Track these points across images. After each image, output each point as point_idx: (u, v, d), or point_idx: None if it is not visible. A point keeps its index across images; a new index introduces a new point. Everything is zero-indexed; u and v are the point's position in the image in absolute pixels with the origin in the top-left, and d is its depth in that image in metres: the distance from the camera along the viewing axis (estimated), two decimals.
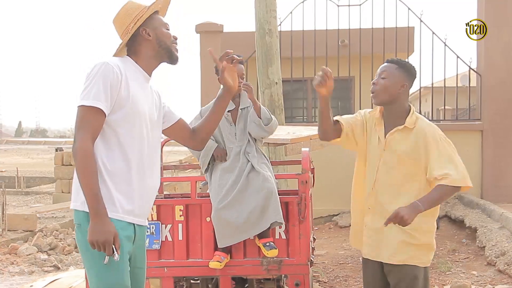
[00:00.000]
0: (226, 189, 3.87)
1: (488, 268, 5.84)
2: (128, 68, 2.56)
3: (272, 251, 3.85)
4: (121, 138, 2.49)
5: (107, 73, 2.43)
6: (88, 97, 2.41)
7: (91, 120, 2.40)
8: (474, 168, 9.20)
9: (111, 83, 2.43)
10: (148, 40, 2.60)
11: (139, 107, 2.53)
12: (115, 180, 2.47)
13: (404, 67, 3.11)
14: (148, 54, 2.62)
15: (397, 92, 3.08)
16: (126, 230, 2.49)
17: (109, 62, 2.48)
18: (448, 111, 16.73)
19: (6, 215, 8.05)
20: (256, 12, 6.89)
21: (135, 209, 2.53)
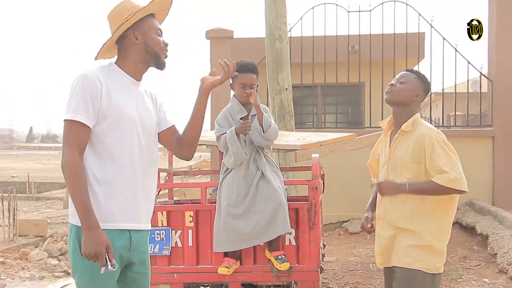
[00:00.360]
0: (236, 196, 3.87)
1: (500, 276, 5.79)
2: (111, 75, 2.53)
3: (284, 264, 3.85)
4: (109, 148, 2.48)
5: (86, 86, 2.42)
6: (69, 111, 2.42)
7: (75, 134, 2.41)
8: (485, 174, 9.16)
9: (91, 95, 2.42)
10: (136, 44, 2.56)
11: (125, 114, 2.51)
12: (106, 189, 2.46)
13: (422, 79, 3.21)
14: (134, 58, 2.58)
15: (412, 99, 3.16)
16: (119, 239, 2.49)
17: (87, 74, 2.45)
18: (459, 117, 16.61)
19: (17, 221, 8.10)
20: (266, 18, 6.91)
21: (128, 215, 2.52)
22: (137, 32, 2.55)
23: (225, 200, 3.90)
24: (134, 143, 2.54)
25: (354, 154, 6.31)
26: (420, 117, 3.25)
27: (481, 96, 9.77)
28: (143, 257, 2.65)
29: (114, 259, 2.40)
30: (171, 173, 5.52)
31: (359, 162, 9.25)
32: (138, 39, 2.55)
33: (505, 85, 9.19)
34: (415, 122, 3.13)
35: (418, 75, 3.21)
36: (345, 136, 5.03)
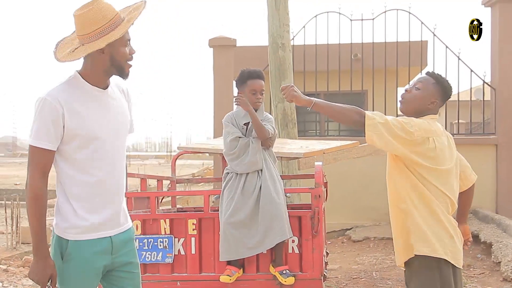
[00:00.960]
0: (235, 204, 3.89)
1: (504, 284, 5.77)
2: (75, 92, 2.49)
3: (289, 278, 3.86)
4: (82, 164, 2.49)
5: (46, 110, 2.41)
6: (31, 136, 2.44)
7: (38, 158, 2.43)
8: (488, 182, 9.13)
9: (52, 119, 2.41)
10: (101, 56, 2.47)
11: (94, 131, 2.49)
12: (84, 204, 2.50)
13: (442, 85, 3.04)
14: (99, 69, 2.51)
15: (426, 107, 3.01)
16: (99, 245, 2.52)
17: (47, 97, 2.42)
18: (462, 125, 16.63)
19: (20, 228, 8.09)
20: (269, 27, 6.93)
21: (108, 224, 2.56)
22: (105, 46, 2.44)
23: (226, 208, 3.92)
24: (108, 154, 2.55)
25: (357, 162, 6.32)
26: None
27: (484, 104, 9.76)
28: (128, 258, 2.65)
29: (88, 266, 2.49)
30: (174, 181, 5.52)
31: (362, 170, 9.30)
32: (105, 52, 2.47)
33: (508, 93, 9.19)
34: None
35: (438, 80, 3.03)
36: (348, 144, 5.03)
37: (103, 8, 2.43)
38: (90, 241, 2.49)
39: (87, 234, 2.49)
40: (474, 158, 9.33)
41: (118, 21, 2.45)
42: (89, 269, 2.51)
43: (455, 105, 9.67)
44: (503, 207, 8.91)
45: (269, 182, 3.91)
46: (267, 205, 3.84)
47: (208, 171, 21.16)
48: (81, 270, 2.49)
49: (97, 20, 2.40)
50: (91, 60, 2.50)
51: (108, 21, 2.42)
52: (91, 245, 2.49)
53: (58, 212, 2.52)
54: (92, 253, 2.50)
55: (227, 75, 10.09)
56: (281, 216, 3.83)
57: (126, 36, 2.49)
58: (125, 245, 2.63)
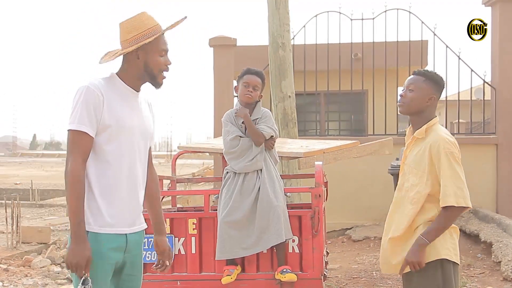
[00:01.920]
0: (233, 204, 3.89)
1: (504, 284, 5.77)
2: (112, 87, 2.62)
3: (289, 275, 3.85)
4: (109, 156, 2.57)
5: (89, 97, 2.51)
6: (74, 121, 2.51)
7: (79, 143, 2.51)
8: (489, 182, 9.14)
9: (94, 106, 2.52)
10: (137, 61, 2.63)
11: (125, 124, 2.61)
12: (106, 196, 2.56)
13: (432, 79, 3.06)
14: (133, 72, 2.66)
15: (425, 105, 3.05)
16: (116, 242, 2.58)
17: (90, 85, 2.54)
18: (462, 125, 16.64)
19: (20, 228, 8.09)
20: (270, 26, 6.93)
21: (126, 221, 2.63)
22: (141, 52, 2.62)
23: (223, 207, 3.92)
24: (134, 151, 2.66)
25: (357, 161, 6.32)
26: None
27: (484, 104, 9.76)
28: (135, 260, 2.72)
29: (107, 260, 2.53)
30: (174, 180, 5.52)
31: (362, 170, 9.31)
32: (140, 58, 2.63)
33: (509, 92, 9.19)
34: (428, 129, 3.03)
35: (427, 76, 3.06)
36: (348, 144, 5.03)
37: (144, 18, 2.63)
38: (108, 235, 2.54)
39: (106, 228, 2.54)
40: (475, 158, 9.36)
41: (156, 31, 2.62)
42: (104, 263, 2.55)
43: (455, 105, 9.67)
44: (503, 206, 8.91)
45: (267, 183, 3.91)
46: (264, 206, 3.85)
47: (208, 171, 21.18)
48: (97, 264, 2.52)
49: (137, 28, 2.60)
50: (127, 64, 2.66)
51: (146, 29, 2.60)
52: (108, 240, 2.55)
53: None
54: (108, 248, 2.55)
55: (227, 75, 10.09)
56: (278, 218, 3.83)
57: (161, 46, 2.65)
58: (137, 246, 2.71)
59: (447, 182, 2.88)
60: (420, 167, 3.00)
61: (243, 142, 3.96)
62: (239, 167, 3.96)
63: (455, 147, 2.95)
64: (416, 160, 3.03)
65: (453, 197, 2.86)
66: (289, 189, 4.53)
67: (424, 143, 3.02)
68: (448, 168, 2.90)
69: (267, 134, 3.98)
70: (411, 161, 3.06)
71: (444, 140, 2.95)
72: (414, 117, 3.10)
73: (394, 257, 3.06)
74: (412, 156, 3.06)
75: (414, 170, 3.03)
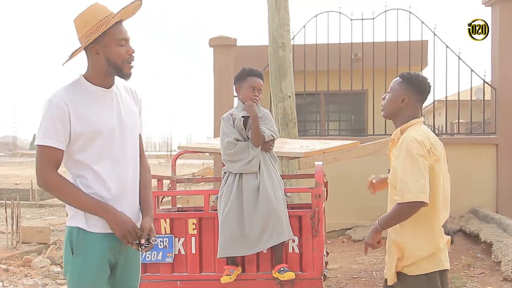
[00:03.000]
0: (232, 204, 3.89)
1: (504, 284, 5.77)
2: (79, 93, 2.55)
3: (287, 273, 3.84)
4: (90, 162, 2.54)
5: (53, 111, 2.47)
6: (40, 136, 2.49)
7: (48, 156, 2.48)
8: (489, 182, 9.14)
9: (60, 118, 2.47)
10: (97, 56, 2.54)
11: (101, 128, 2.54)
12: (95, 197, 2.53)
13: (406, 80, 3.05)
14: (98, 70, 2.57)
15: (399, 106, 3.05)
16: (107, 241, 2.57)
17: (53, 98, 2.48)
18: (462, 125, 16.63)
19: (20, 228, 8.10)
20: (270, 26, 6.93)
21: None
22: (98, 46, 2.52)
23: (223, 207, 3.92)
24: (115, 150, 2.60)
25: (357, 161, 6.31)
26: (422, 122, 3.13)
27: (484, 104, 9.76)
28: (129, 260, 2.70)
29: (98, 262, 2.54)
30: (174, 180, 5.52)
31: (362, 170, 9.26)
32: (100, 53, 2.53)
33: (509, 92, 9.18)
34: (403, 130, 3.04)
35: (403, 78, 3.07)
36: (348, 144, 5.03)
37: (94, 10, 2.51)
38: (100, 234, 2.54)
39: (98, 227, 2.54)
40: (475, 158, 9.36)
41: (108, 21, 2.48)
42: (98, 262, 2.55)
43: (455, 105, 9.67)
44: (503, 206, 8.90)
45: (267, 183, 3.90)
46: (264, 206, 3.84)
47: (208, 171, 21.17)
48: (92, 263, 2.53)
49: (88, 22, 2.49)
50: (91, 63, 2.58)
51: (98, 21, 2.48)
52: (101, 239, 2.54)
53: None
54: (102, 248, 2.55)
55: (227, 75, 10.08)
56: (277, 218, 3.82)
57: (118, 35, 2.53)
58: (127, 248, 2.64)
59: (408, 178, 2.85)
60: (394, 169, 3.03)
61: (240, 145, 3.95)
62: (235, 169, 3.96)
63: (421, 145, 2.91)
64: (393, 163, 3.06)
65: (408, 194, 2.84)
66: (289, 189, 4.53)
67: (399, 144, 3.03)
68: (409, 165, 2.87)
69: (267, 136, 3.97)
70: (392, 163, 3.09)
71: (410, 139, 2.93)
72: (394, 120, 3.13)
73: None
74: (393, 158, 3.08)
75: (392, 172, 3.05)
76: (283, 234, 3.83)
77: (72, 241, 2.54)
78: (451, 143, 9.47)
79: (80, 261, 2.52)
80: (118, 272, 2.66)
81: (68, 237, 2.57)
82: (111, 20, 2.48)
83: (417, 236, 2.99)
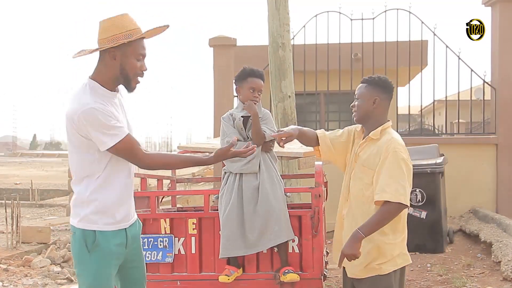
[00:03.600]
0: (232, 204, 3.88)
1: (504, 284, 5.77)
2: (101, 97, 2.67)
3: (290, 275, 3.84)
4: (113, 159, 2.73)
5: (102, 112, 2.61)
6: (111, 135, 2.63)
7: (133, 142, 2.71)
8: (488, 182, 9.14)
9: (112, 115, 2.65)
10: (113, 61, 2.67)
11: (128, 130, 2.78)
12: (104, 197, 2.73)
13: (373, 83, 3.20)
14: (108, 74, 2.70)
15: (371, 108, 3.18)
16: (119, 237, 2.77)
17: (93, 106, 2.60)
18: (462, 125, 16.64)
19: (20, 228, 8.09)
20: (269, 26, 6.92)
21: (126, 217, 2.83)
22: (118, 52, 2.65)
23: (224, 208, 3.92)
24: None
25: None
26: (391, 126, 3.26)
27: (484, 104, 9.76)
28: (136, 252, 2.93)
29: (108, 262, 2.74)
30: (174, 180, 5.52)
31: None
32: (116, 59, 2.66)
33: (509, 92, 9.19)
34: (383, 131, 3.17)
35: (368, 82, 3.22)
36: None
37: (125, 19, 2.66)
38: (113, 232, 2.74)
39: (113, 225, 2.75)
40: (475, 158, 9.36)
41: (135, 34, 2.65)
42: (112, 260, 2.75)
43: (455, 105, 9.67)
44: (503, 206, 8.91)
45: (266, 184, 3.90)
46: (263, 207, 3.84)
47: (208, 171, 21.14)
48: (107, 260, 2.72)
49: (117, 27, 2.63)
50: (103, 65, 2.70)
51: (126, 30, 2.63)
52: (114, 236, 2.74)
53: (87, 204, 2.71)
54: (115, 244, 2.74)
55: (227, 75, 10.08)
56: (277, 218, 3.82)
57: (140, 50, 2.69)
58: (135, 239, 2.90)
59: (390, 179, 2.98)
60: (373, 166, 3.10)
61: (240, 145, 3.94)
62: (235, 169, 3.96)
63: (405, 150, 3.09)
64: (370, 160, 3.13)
65: (393, 194, 2.95)
66: (289, 189, 4.52)
67: (378, 144, 3.13)
68: (396, 168, 3.01)
69: (268, 136, 3.97)
70: (364, 161, 3.16)
71: (396, 141, 3.09)
72: (366, 123, 3.24)
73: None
74: (365, 156, 3.16)
75: (367, 170, 3.13)
76: (282, 235, 3.83)
77: (87, 241, 2.69)
78: (451, 143, 9.48)
79: (97, 258, 2.69)
80: (127, 265, 2.87)
81: (82, 238, 2.70)
82: (140, 34, 2.65)
83: (395, 234, 3.10)
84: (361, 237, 2.98)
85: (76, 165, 2.73)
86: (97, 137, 2.61)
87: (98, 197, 2.70)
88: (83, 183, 2.71)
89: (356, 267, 3.15)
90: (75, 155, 2.71)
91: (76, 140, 2.67)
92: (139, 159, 2.72)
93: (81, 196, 2.72)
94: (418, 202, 7.25)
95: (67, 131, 2.69)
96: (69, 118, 2.63)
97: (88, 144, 2.65)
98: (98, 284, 2.72)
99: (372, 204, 3.09)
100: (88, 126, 2.59)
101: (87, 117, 2.58)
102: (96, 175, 2.70)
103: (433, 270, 6.49)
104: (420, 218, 7.24)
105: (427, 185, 7.23)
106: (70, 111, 2.63)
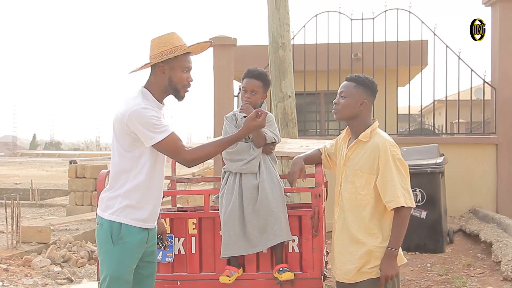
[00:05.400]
0: (233, 204, 3.88)
1: (504, 284, 5.77)
2: (151, 102, 2.98)
3: (286, 273, 3.84)
4: (149, 163, 3.00)
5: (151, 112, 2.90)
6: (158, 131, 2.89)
7: (176, 140, 2.96)
8: (489, 182, 9.14)
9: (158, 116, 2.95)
10: (162, 75, 3.00)
11: None
12: (142, 195, 3.00)
13: (362, 84, 3.21)
14: (159, 85, 3.03)
15: (358, 110, 3.19)
16: (142, 234, 3.04)
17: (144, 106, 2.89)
18: (462, 125, 16.65)
19: (20, 227, 8.10)
20: (269, 26, 6.93)
21: (150, 218, 3.09)
22: (166, 66, 2.98)
23: (225, 208, 3.92)
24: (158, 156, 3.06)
25: None
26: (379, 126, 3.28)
27: (484, 104, 9.76)
28: (152, 249, 3.23)
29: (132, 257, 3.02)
30: (174, 180, 5.52)
31: None
32: (165, 72, 2.99)
33: (509, 92, 9.19)
34: (372, 132, 3.16)
35: (357, 82, 3.21)
36: None
37: (173, 37, 3.01)
38: (139, 229, 3.00)
39: (140, 222, 3.00)
40: (475, 158, 9.37)
41: (181, 49, 2.98)
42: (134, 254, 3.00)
43: (455, 105, 9.68)
44: (503, 206, 8.91)
45: (266, 184, 3.90)
46: (263, 207, 3.84)
47: (208, 171, 21.16)
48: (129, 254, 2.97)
49: (165, 44, 2.97)
50: (154, 77, 3.04)
51: (173, 46, 2.97)
52: (139, 233, 3.00)
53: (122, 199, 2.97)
54: (138, 240, 3.00)
55: (227, 75, 10.09)
56: (277, 218, 3.82)
57: (185, 64, 3.03)
58: (153, 238, 3.20)
59: (395, 184, 3.01)
60: (367, 169, 3.11)
61: (240, 145, 3.95)
62: (235, 168, 3.96)
63: (398, 149, 3.14)
64: (362, 162, 3.13)
65: (403, 198, 3.00)
66: (289, 189, 4.53)
67: (368, 146, 3.13)
68: (396, 172, 3.04)
69: (269, 138, 3.96)
70: (356, 164, 3.16)
71: (389, 143, 3.11)
72: (351, 122, 3.25)
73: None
74: (357, 158, 3.16)
75: (360, 172, 3.14)
76: (281, 235, 3.83)
77: (113, 232, 2.94)
78: (451, 143, 9.48)
79: (120, 250, 2.94)
80: (144, 259, 3.13)
81: (109, 229, 2.95)
82: (185, 49, 2.98)
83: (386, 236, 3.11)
84: (396, 253, 3.02)
85: (118, 161, 2.98)
86: (145, 133, 2.88)
87: (133, 194, 2.95)
88: (121, 179, 2.97)
89: (349, 272, 3.16)
90: (117, 152, 2.97)
91: (121, 136, 2.93)
92: (182, 155, 2.95)
93: (118, 191, 2.97)
94: (418, 202, 7.25)
95: (114, 130, 2.95)
96: (118, 119, 2.90)
97: (133, 141, 2.92)
98: (118, 276, 2.95)
99: (365, 208, 3.11)
100: (137, 123, 2.85)
101: (137, 114, 2.85)
102: (134, 173, 2.96)
103: (433, 270, 6.50)
104: (420, 218, 7.24)
105: (427, 185, 7.24)
106: (121, 112, 2.89)
